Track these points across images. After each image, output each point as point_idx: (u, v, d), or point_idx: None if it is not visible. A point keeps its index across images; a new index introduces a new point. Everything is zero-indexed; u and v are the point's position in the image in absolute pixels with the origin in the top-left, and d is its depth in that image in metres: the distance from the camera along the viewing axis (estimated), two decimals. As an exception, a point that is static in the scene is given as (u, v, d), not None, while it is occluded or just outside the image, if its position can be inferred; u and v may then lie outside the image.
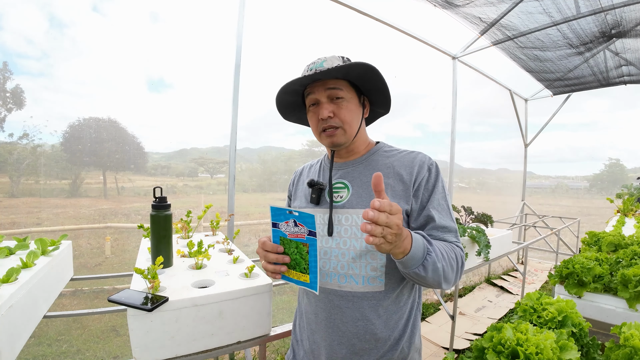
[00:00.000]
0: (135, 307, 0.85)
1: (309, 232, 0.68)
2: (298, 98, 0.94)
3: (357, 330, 0.84)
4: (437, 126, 5.43)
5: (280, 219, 0.71)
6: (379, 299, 0.84)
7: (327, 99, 0.85)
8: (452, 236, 0.85)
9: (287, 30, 3.69)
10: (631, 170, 8.30)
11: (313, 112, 0.89)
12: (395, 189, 0.85)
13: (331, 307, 0.87)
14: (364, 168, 0.91)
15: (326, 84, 0.85)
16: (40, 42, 2.78)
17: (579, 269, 1.30)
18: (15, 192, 2.66)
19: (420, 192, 0.84)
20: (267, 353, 2.29)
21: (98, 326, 3.09)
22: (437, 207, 0.84)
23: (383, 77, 0.85)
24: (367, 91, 0.91)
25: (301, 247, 0.71)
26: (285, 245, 0.74)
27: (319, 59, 0.86)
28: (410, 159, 0.88)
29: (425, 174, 0.85)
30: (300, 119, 1.03)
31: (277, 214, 0.71)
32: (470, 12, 2.86)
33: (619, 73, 3.99)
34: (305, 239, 0.69)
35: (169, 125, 3.57)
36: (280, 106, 0.96)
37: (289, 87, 0.87)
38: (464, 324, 3.34)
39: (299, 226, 0.68)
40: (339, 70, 0.80)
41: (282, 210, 0.69)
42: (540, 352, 0.71)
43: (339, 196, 0.90)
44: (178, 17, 3.37)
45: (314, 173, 1.02)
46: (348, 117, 0.86)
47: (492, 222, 2.45)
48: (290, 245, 0.72)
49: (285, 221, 0.70)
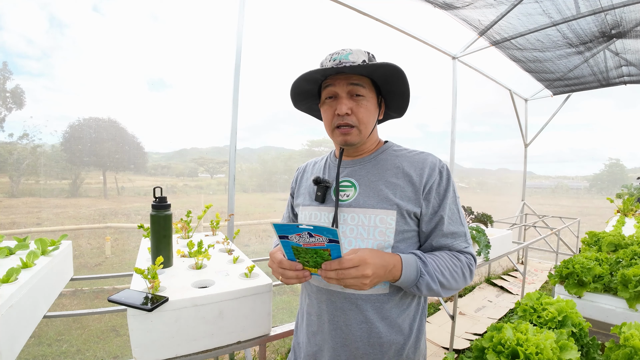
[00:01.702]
0: (135, 307, 0.85)
1: (330, 240, 0.63)
2: (314, 87, 0.91)
3: (361, 334, 0.83)
4: (437, 126, 5.44)
5: (289, 232, 0.65)
6: (383, 302, 0.83)
7: (347, 95, 0.82)
8: (462, 241, 0.84)
9: (287, 31, 3.69)
10: (631, 170, 8.31)
11: (329, 105, 0.85)
12: (404, 190, 0.83)
13: (334, 310, 0.85)
14: (372, 167, 0.89)
15: (350, 78, 0.81)
16: (40, 42, 2.78)
17: (579, 269, 1.30)
18: (15, 192, 2.66)
19: (432, 196, 0.83)
20: (267, 353, 2.29)
21: (98, 326, 3.09)
22: (449, 212, 0.83)
23: (408, 81, 0.82)
24: (387, 93, 0.88)
25: (321, 252, 0.66)
26: (300, 252, 0.68)
27: (343, 50, 0.82)
28: (421, 160, 0.86)
29: (437, 177, 0.84)
30: (311, 108, 0.99)
31: (284, 230, 0.64)
32: (470, 14, 2.86)
33: (619, 73, 3.99)
34: (326, 245, 0.64)
35: (169, 125, 3.57)
36: (294, 92, 0.91)
37: (311, 75, 0.83)
38: (464, 324, 3.34)
39: (315, 237, 0.63)
40: (365, 67, 0.77)
41: (290, 226, 0.63)
42: (540, 352, 0.71)
43: (346, 195, 0.88)
44: (178, 17, 3.38)
45: (318, 170, 1.00)
46: (365, 118, 0.83)
47: (492, 222, 2.45)
48: (308, 252, 0.67)
49: (297, 234, 0.64)
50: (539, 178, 10.28)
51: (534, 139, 5.74)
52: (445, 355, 0.90)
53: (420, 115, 4.92)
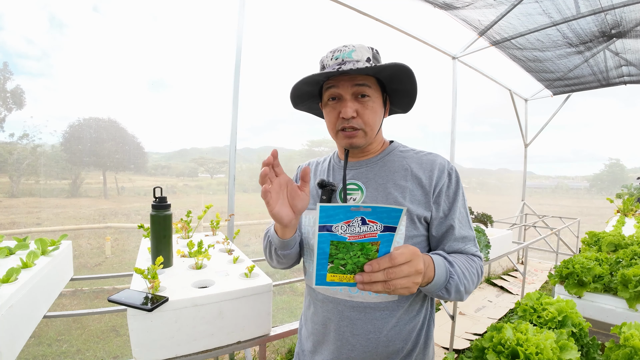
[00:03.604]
0: (135, 307, 0.85)
1: (385, 228, 0.52)
2: (315, 88, 0.86)
3: (369, 344, 0.79)
4: (437, 126, 5.44)
5: (336, 220, 0.52)
6: (392, 310, 0.80)
7: (352, 96, 0.78)
8: (472, 245, 0.82)
9: (287, 30, 3.69)
10: (631, 170, 8.30)
11: (332, 107, 0.81)
12: (414, 193, 0.80)
13: (340, 319, 0.81)
14: (379, 169, 0.85)
15: (354, 79, 0.77)
16: (40, 42, 2.78)
17: (579, 269, 1.30)
18: (15, 192, 2.66)
19: (442, 199, 0.80)
20: (267, 353, 2.29)
21: (98, 326, 3.09)
22: (459, 216, 0.81)
23: (415, 79, 0.78)
24: (393, 91, 0.85)
25: (368, 248, 0.54)
26: (340, 250, 0.55)
27: (346, 47, 0.78)
28: (429, 161, 0.83)
29: (446, 180, 0.81)
30: (311, 108, 0.96)
31: (333, 214, 0.51)
32: (470, 14, 2.86)
33: (619, 73, 3.99)
34: (378, 236, 0.53)
35: (169, 125, 3.57)
36: (294, 95, 0.87)
37: (312, 79, 0.78)
38: (464, 324, 3.34)
39: (369, 224, 0.52)
40: (371, 69, 0.74)
41: (340, 209, 0.50)
42: (540, 352, 0.71)
43: (352, 198, 0.84)
44: (178, 17, 3.38)
45: (322, 172, 0.95)
46: (371, 120, 0.79)
47: (492, 222, 2.45)
48: (351, 249, 0.55)
49: (346, 220, 0.52)
50: (539, 178, 10.28)
51: (534, 139, 5.74)
52: (445, 355, 0.90)
53: (420, 115, 4.91)
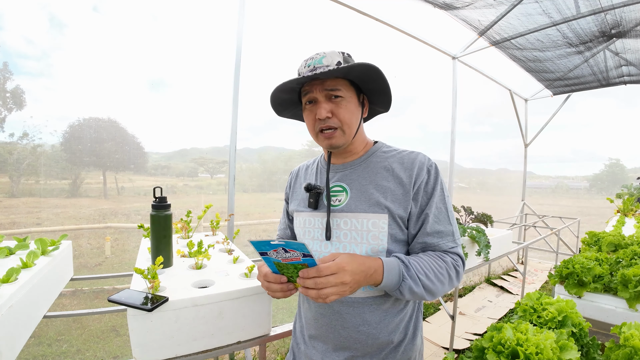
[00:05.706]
0: (135, 307, 0.85)
1: (304, 255, 0.65)
2: (294, 95, 0.91)
3: (359, 336, 0.84)
4: (437, 126, 5.44)
5: (266, 249, 0.67)
6: (380, 303, 0.84)
7: (325, 98, 0.82)
8: (449, 240, 0.83)
9: (287, 31, 3.69)
10: (631, 170, 8.30)
11: (310, 111, 0.85)
12: (395, 193, 0.83)
13: (331, 313, 0.86)
14: (362, 170, 0.88)
15: (324, 83, 0.81)
16: (40, 42, 2.78)
17: (579, 269, 1.30)
18: (15, 192, 2.66)
19: (420, 195, 0.82)
20: (267, 353, 2.29)
21: (98, 326, 3.09)
22: (435, 211, 0.83)
23: (385, 77, 0.81)
24: (367, 91, 0.88)
25: (300, 267, 0.69)
26: (282, 267, 0.71)
27: (317, 55, 0.83)
28: (410, 160, 0.85)
29: (425, 176, 0.83)
30: (295, 114, 1.00)
31: (261, 246, 0.67)
32: (470, 14, 2.86)
33: (619, 73, 3.98)
34: (302, 260, 0.66)
35: (169, 125, 3.57)
36: (274, 103, 0.92)
37: (286, 86, 0.83)
38: (464, 324, 3.34)
39: (290, 252, 0.65)
40: (338, 71, 0.77)
41: (265, 242, 0.65)
42: (540, 352, 0.71)
43: (337, 200, 0.88)
44: (178, 17, 3.38)
45: (310, 175, 1.00)
46: (347, 118, 0.82)
47: (492, 222, 2.45)
48: (288, 267, 0.70)
49: (274, 249, 0.66)
50: (539, 178, 10.28)
51: (534, 139, 5.74)
52: (445, 355, 0.90)
53: (420, 115, 4.92)
